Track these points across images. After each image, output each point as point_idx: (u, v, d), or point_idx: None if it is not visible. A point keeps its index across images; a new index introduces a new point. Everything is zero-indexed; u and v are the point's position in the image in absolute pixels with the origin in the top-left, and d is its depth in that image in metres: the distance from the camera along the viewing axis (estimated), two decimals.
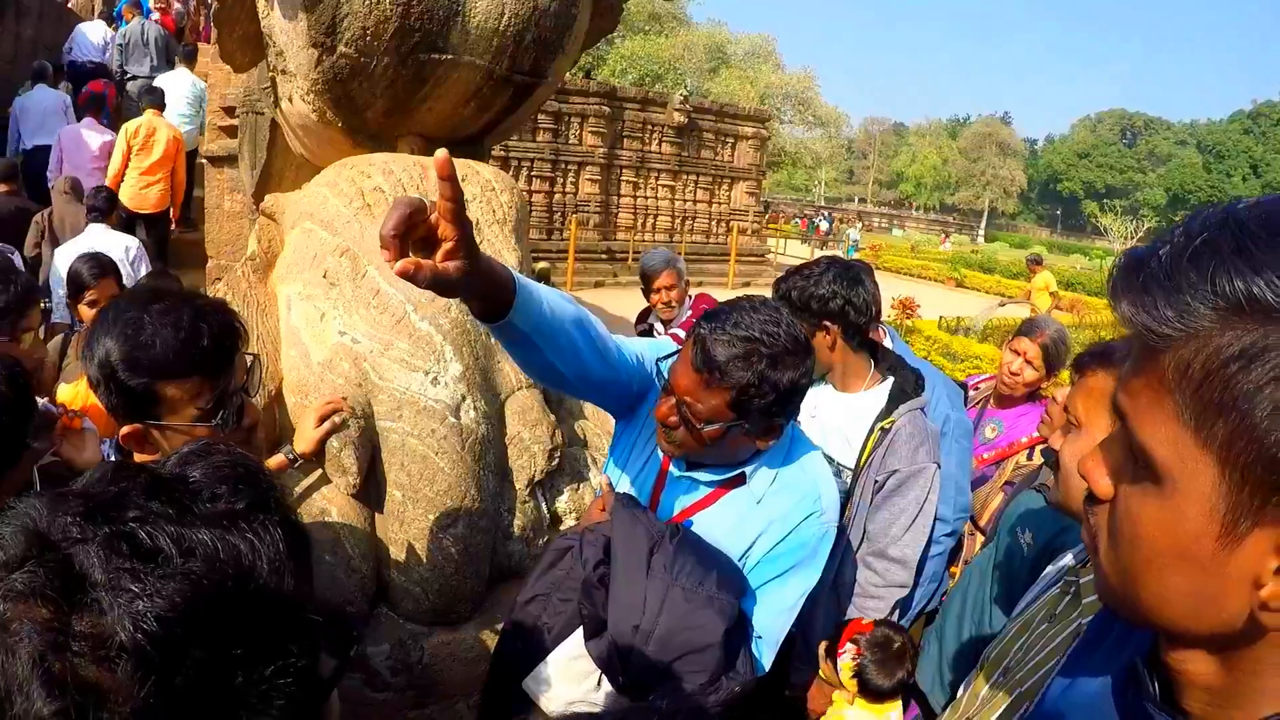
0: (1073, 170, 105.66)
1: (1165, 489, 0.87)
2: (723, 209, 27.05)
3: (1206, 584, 0.86)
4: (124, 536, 0.87)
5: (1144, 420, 0.89)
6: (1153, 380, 0.88)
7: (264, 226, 3.69)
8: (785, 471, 2.37)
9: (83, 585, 0.84)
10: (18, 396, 1.48)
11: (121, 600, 0.83)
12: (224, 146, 9.28)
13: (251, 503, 0.98)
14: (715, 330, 2.12)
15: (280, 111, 4.26)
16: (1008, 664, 1.79)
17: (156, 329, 1.87)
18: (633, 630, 2.12)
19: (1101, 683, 1.16)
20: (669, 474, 2.44)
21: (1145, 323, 0.86)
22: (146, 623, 0.83)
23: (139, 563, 0.85)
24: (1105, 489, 0.98)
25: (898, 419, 3.16)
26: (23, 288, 2.72)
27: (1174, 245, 0.85)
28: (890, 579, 3.19)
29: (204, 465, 1.01)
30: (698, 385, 2.13)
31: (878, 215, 78.79)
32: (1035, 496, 3.12)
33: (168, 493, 0.94)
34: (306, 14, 3.43)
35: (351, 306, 3.19)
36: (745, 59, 48.42)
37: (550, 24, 3.73)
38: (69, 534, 0.87)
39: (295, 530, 1.02)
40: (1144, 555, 0.91)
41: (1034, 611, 1.88)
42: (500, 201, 3.63)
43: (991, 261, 39.72)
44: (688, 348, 2.17)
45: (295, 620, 0.96)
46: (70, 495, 0.92)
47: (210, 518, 0.93)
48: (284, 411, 3.30)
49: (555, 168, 23.28)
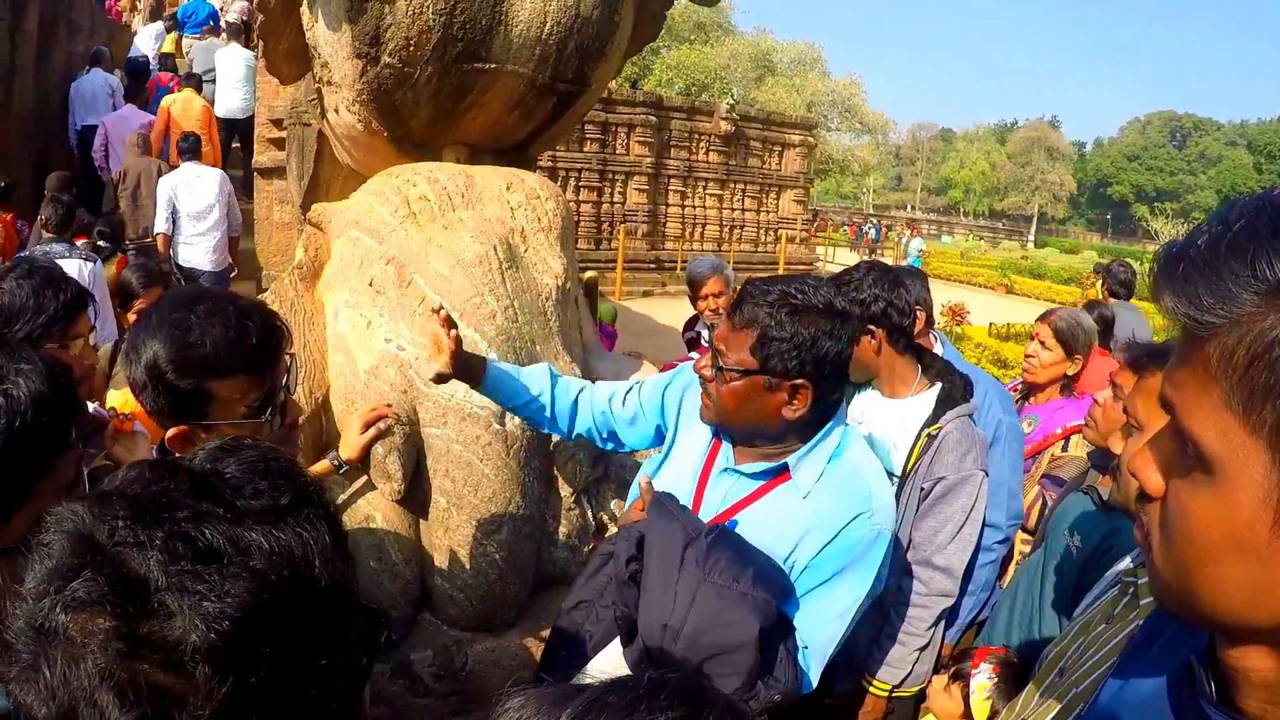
0: (1122, 173, 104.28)
1: (1216, 479, 0.86)
2: (770, 217, 26.98)
3: (1264, 574, 0.84)
4: (181, 538, 0.87)
5: (1191, 410, 0.88)
6: (1198, 369, 0.87)
7: (310, 235, 3.72)
8: (835, 469, 2.31)
9: (144, 590, 0.84)
10: (58, 397, 1.49)
11: (189, 603, 0.83)
12: (273, 158, 9.38)
13: (295, 497, 0.98)
14: (756, 283, 2.23)
15: (326, 123, 4.29)
16: (1064, 665, 1.77)
17: (205, 328, 1.88)
18: (661, 628, 2.07)
19: (1156, 683, 1.13)
20: (711, 471, 2.41)
21: (1188, 312, 0.85)
22: (219, 623, 0.83)
23: (200, 564, 0.85)
24: (1156, 485, 0.96)
25: (945, 425, 3.11)
26: (73, 295, 2.76)
27: (1212, 234, 0.85)
28: (935, 588, 3.14)
29: (236, 461, 1.00)
30: (728, 331, 2.22)
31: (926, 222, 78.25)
32: (1083, 499, 3.08)
33: (212, 491, 0.94)
34: (350, 25, 3.45)
35: (397, 314, 3.21)
36: (791, 67, 48.29)
37: (592, 32, 3.73)
38: (120, 538, 0.86)
39: (335, 522, 1.03)
40: (1198, 548, 0.89)
41: (1092, 613, 1.87)
42: (545, 209, 3.63)
43: (1041, 268, 39.30)
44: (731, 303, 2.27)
45: (349, 609, 0.98)
46: (113, 497, 0.91)
47: (258, 514, 0.93)
48: (331, 419, 3.32)
49: (603, 178, 23.32)
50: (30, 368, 1.47)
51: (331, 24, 3.57)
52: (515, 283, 3.31)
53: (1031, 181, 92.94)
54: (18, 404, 1.42)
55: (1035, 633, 3.06)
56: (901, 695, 3.23)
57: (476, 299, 3.16)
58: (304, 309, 3.45)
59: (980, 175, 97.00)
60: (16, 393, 1.43)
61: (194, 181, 9.34)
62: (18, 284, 2.71)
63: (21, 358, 1.49)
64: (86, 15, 14.05)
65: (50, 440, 1.48)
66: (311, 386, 3.28)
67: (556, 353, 3.39)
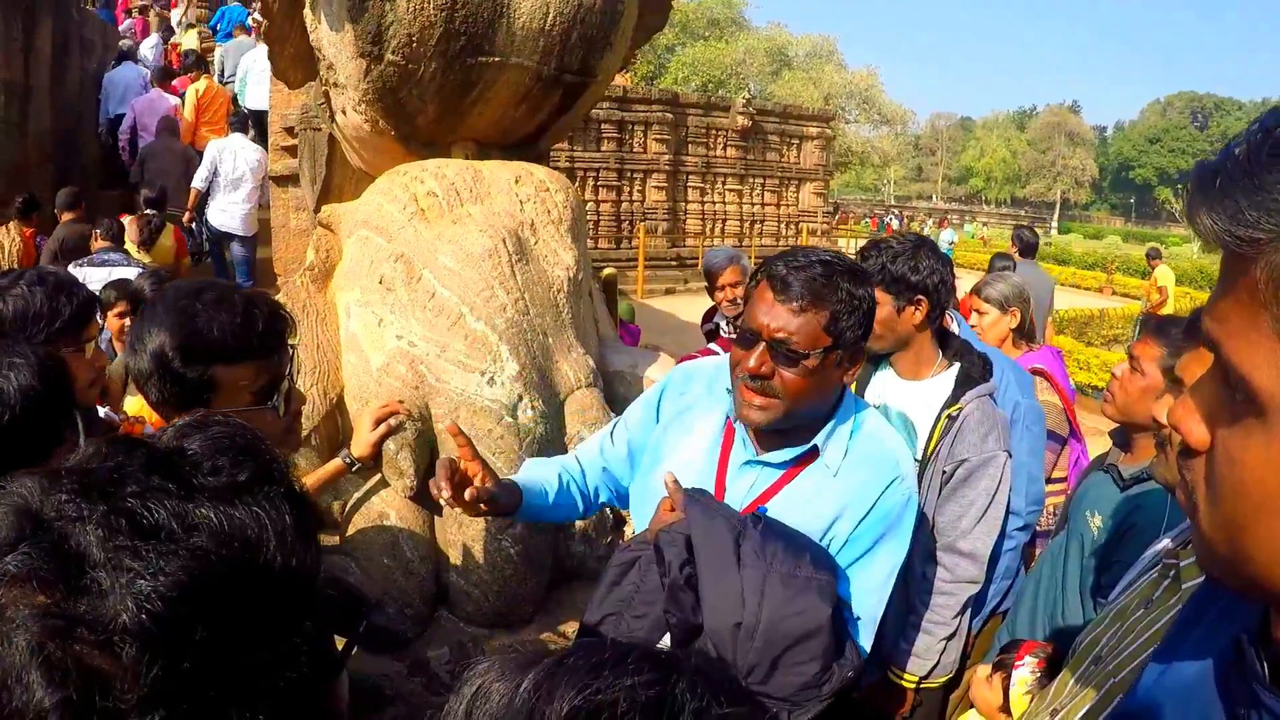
0: (1144, 156, 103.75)
1: (1270, 420, 0.77)
2: (791, 211, 26.90)
3: None
4: (122, 513, 0.83)
5: (1238, 344, 0.79)
6: (1243, 297, 0.78)
7: (321, 236, 3.72)
8: (858, 441, 2.28)
9: (81, 566, 0.80)
10: (50, 391, 1.48)
11: (123, 580, 0.79)
12: (287, 166, 9.39)
13: (255, 474, 0.94)
14: (785, 263, 2.13)
15: (335, 125, 4.29)
16: (1099, 653, 1.69)
17: (211, 316, 1.89)
18: (734, 629, 2.00)
19: (1201, 666, 1.03)
20: (730, 467, 2.33)
21: (1228, 228, 0.76)
22: (150, 603, 0.78)
23: (139, 540, 0.81)
24: (1200, 437, 0.86)
25: (965, 405, 3.04)
26: (84, 300, 2.77)
27: (1251, 143, 0.77)
28: (960, 574, 3.07)
29: (202, 437, 0.97)
30: (788, 316, 2.08)
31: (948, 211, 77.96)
32: (1104, 478, 3.06)
33: (167, 466, 0.90)
34: (352, 25, 3.45)
35: (408, 311, 3.20)
36: (807, 60, 48.31)
37: (596, 21, 3.71)
38: (63, 512, 0.83)
39: (301, 503, 0.98)
40: (1253, 503, 0.79)
41: (1129, 598, 1.77)
42: (555, 201, 3.62)
43: (1065, 253, 39.04)
44: (761, 291, 2.13)
45: (305, 596, 0.93)
46: (64, 472, 0.88)
47: (213, 491, 0.89)
48: (346, 419, 3.31)
49: (621, 176, 23.30)
50: (22, 361, 1.47)
51: (334, 25, 3.56)
52: (525, 275, 3.30)
53: (1053, 167, 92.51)
54: (8, 397, 1.41)
55: (1060, 617, 3.02)
56: (929, 686, 3.16)
57: (487, 292, 3.15)
58: (316, 310, 3.45)
59: (1001, 163, 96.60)
60: (7, 386, 1.42)
61: (239, 151, 10.66)
62: (29, 290, 2.72)
63: (14, 352, 1.48)
64: (99, 33, 14.16)
65: (42, 434, 1.47)
66: (326, 387, 3.28)
67: (570, 344, 3.37)
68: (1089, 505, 3.05)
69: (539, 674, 0.78)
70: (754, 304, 2.15)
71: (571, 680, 0.76)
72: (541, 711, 0.75)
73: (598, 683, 0.76)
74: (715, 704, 0.77)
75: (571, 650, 0.82)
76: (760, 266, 2.20)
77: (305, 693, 0.91)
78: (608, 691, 0.75)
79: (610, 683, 0.76)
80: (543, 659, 0.81)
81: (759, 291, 2.15)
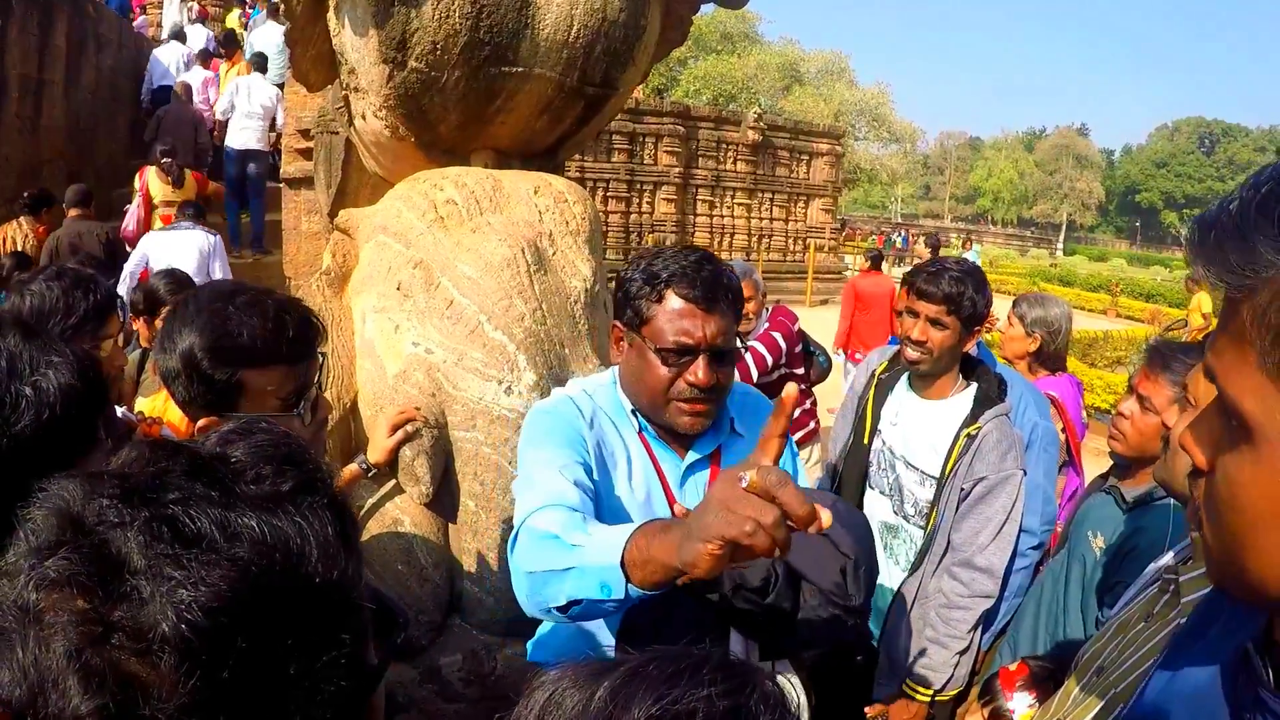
0: (1151, 180, 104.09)
1: (1258, 444, 0.85)
2: (799, 226, 26.96)
3: None
4: (165, 520, 0.83)
5: (1230, 375, 0.88)
6: (1235, 335, 0.87)
7: (338, 241, 3.72)
8: (736, 398, 2.40)
9: (121, 573, 0.79)
10: (88, 390, 1.48)
11: (163, 589, 0.79)
12: (301, 168, 9.42)
13: (298, 484, 0.93)
14: (688, 277, 2.12)
15: (354, 130, 4.29)
16: (1101, 664, 1.74)
17: (242, 319, 1.88)
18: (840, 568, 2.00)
19: (1208, 673, 1.10)
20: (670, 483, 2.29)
21: (1219, 274, 0.86)
22: (191, 613, 0.78)
23: (181, 548, 0.81)
24: (1203, 460, 0.95)
25: (984, 425, 3.09)
26: (103, 297, 2.77)
27: (1242, 199, 0.85)
28: (976, 589, 3.11)
29: (246, 444, 0.96)
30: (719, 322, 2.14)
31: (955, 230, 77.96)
32: (1105, 499, 3.10)
33: (210, 473, 0.90)
34: (377, 30, 3.45)
35: (425, 318, 3.20)
36: (818, 76, 48.43)
37: (620, 35, 3.72)
38: (105, 518, 0.82)
39: (344, 513, 0.97)
40: (1246, 520, 0.88)
41: (1130, 612, 1.84)
42: (574, 213, 3.62)
43: (1071, 275, 39.12)
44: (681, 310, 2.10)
45: (347, 608, 0.92)
46: (107, 476, 0.87)
47: (256, 500, 0.89)
48: (359, 425, 3.31)
49: (631, 188, 23.37)
50: (60, 360, 1.46)
51: (358, 29, 3.56)
52: (543, 285, 3.29)
53: (1060, 189, 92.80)
54: (47, 396, 1.41)
55: (1061, 634, 3.06)
56: (941, 700, 3.20)
57: (505, 302, 3.15)
58: (331, 314, 3.44)
59: (1009, 183, 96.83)
60: (46, 384, 1.41)
61: (254, 87, 12.65)
62: (47, 286, 2.73)
63: (52, 350, 1.47)
64: (114, 30, 14.20)
65: (79, 434, 1.47)
66: (339, 392, 3.28)
67: (585, 355, 3.37)
68: (1091, 526, 3.08)
69: (615, 682, 0.79)
70: (673, 321, 2.11)
71: (649, 689, 0.77)
72: (619, 719, 0.75)
73: (675, 692, 0.76)
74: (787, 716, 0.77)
75: (646, 659, 0.82)
76: (652, 282, 2.14)
77: (343, 705, 0.90)
78: (684, 701, 0.75)
79: (686, 692, 0.76)
80: (617, 667, 0.81)
81: (678, 311, 2.11)
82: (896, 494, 3.32)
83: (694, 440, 2.30)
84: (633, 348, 2.21)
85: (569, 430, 2.20)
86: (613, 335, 2.31)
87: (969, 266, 3.16)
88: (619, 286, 2.25)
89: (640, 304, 2.15)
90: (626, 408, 2.30)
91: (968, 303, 3.04)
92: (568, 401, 2.29)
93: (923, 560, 3.20)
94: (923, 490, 3.22)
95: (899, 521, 3.34)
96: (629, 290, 2.19)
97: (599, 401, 2.31)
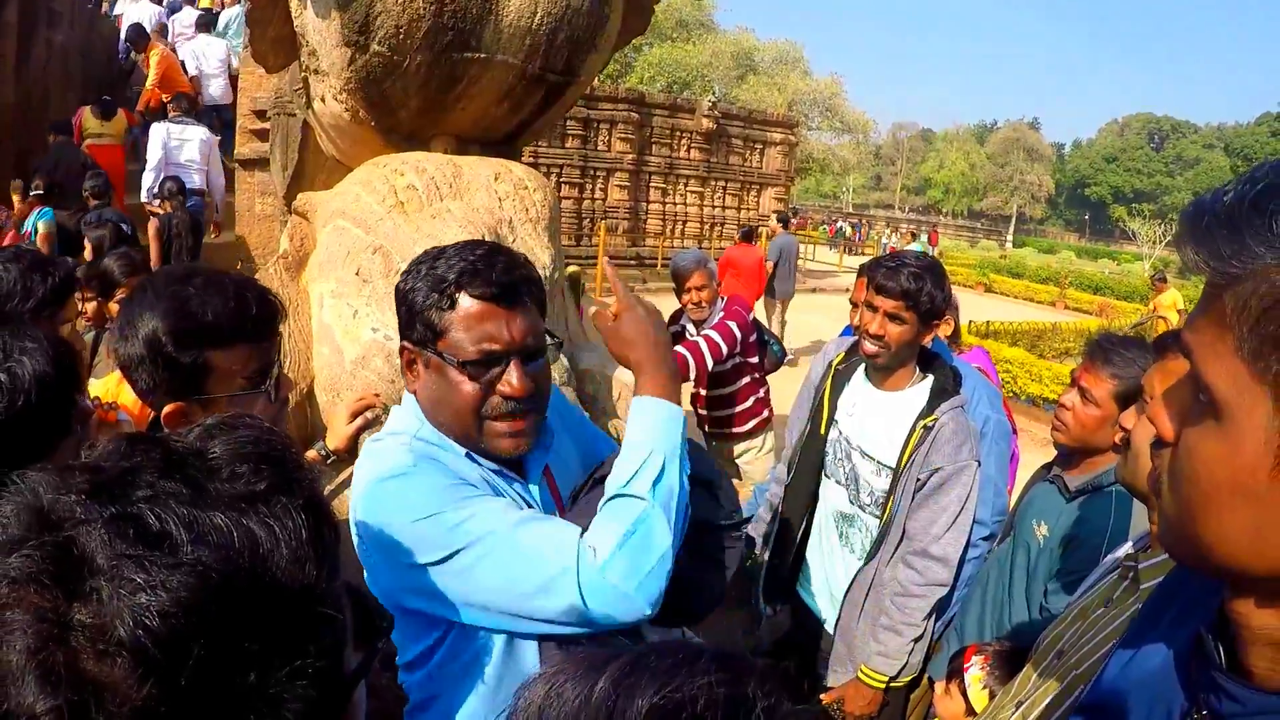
0: (1100, 175, 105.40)
1: (1224, 423, 0.90)
2: (751, 214, 27.01)
3: (1263, 517, 0.89)
4: (130, 519, 0.81)
5: (1206, 356, 0.92)
6: (1215, 318, 0.91)
7: (296, 225, 3.69)
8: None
9: (83, 572, 0.78)
10: (61, 378, 1.46)
11: (123, 591, 0.77)
12: (255, 150, 9.32)
13: (274, 484, 0.91)
14: (485, 276, 1.82)
15: (312, 112, 4.26)
16: (1061, 648, 1.81)
17: (204, 299, 1.86)
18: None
19: (1164, 657, 1.16)
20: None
21: (1208, 261, 0.90)
22: (148, 618, 0.76)
23: (144, 549, 0.79)
24: (1168, 430, 1.00)
25: (940, 416, 3.13)
26: (61, 279, 2.72)
27: (1237, 191, 0.89)
28: (931, 578, 3.15)
29: (226, 440, 0.94)
30: (524, 320, 1.88)
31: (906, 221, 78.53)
32: (1049, 488, 3.18)
33: (184, 470, 0.88)
34: (339, 12, 3.42)
35: (384, 303, 3.18)
36: (773, 65, 48.38)
37: (582, 23, 3.72)
38: (72, 514, 0.81)
39: (322, 516, 0.94)
40: (1203, 491, 0.93)
41: (1090, 598, 1.90)
42: (534, 200, 3.62)
43: (1020, 267, 39.49)
44: (482, 311, 1.82)
45: (316, 616, 0.89)
46: (78, 469, 0.86)
47: (228, 499, 0.87)
48: (316, 410, 3.29)
49: (584, 174, 23.32)
50: (35, 346, 1.44)
51: (320, 11, 3.54)
52: None
53: (1010, 182, 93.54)
54: (21, 383, 1.39)
55: (1006, 621, 3.15)
56: (895, 686, 3.27)
57: None
58: (289, 299, 3.42)
59: (960, 175, 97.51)
60: (20, 371, 1.39)
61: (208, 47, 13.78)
62: (4, 267, 2.68)
63: (26, 335, 1.45)
64: (67, 5, 13.92)
65: (53, 422, 1.45)
66: (297, 378, 3.25)
67: None
68: (1035, 514, 3.16)
69: (616, 673, 0.79)
70: (472, 327, 1.83)
71: (650, 679, 0.78)
72: (622, 710, 0.76)
73: (676, 680, 0.77)
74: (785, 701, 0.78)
75: (644, 651, 0.83)
76: (439, 288, 1.84)
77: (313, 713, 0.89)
78: (686, 690, 0.76)
79: (688, 680, 0.77)
80: (614, 659, 0.82)
81: (476, 314, 1.83)
82: (853, 483, 3.35)
83: (524, 463, 2.03)
84: (429, 369, 1.89)
85: (445, 478, 1.85)
86: (402, 359, 1.96)
87: (928, 261, 3.18)
88: (400, 301, 1.91)
89: (430, 315, 1.84)
90: (458, 452, 1.94)
91: (925, 298, 3.07)
92: (404, 456, 1.87)
93: (878, 549, 3.24)
94: (879, 480, 3.25)
95: (854, 510, 3.37)
96: (413, 302, 1.86)
97: (422, 449, 1.92)
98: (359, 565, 1.93)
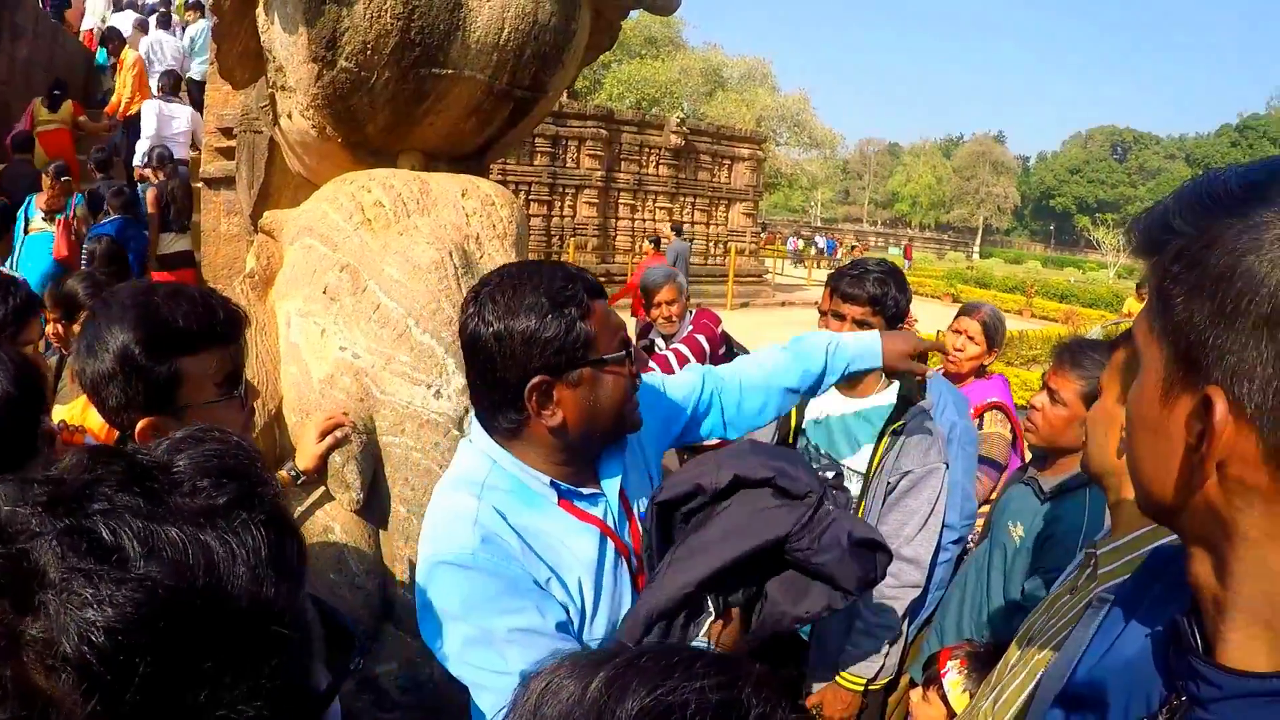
0: (1065, 186, 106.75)
1: (1141, 371, 1.06)
2: (720, 230, 27.12)
3: (1158, 444, 1.02)
4: (83, 532, 0.80)
5: (1137, 322, 1.08)
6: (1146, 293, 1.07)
7: (262, 243, 3.66)
8: None
9: (33, 585, 0.77)
10: (25, 397, 1.43)
11: (71, 606, 0.76)
12: (221, 168, 9.23)
13: (235, 498, 0.90)
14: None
15: (279, 129, 4.23)
16: (1031, 634, 1.91)
17: (172, 306, 1.86)
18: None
19: (1142, 645, 1.19)
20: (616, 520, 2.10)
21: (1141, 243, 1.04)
22: (93, 633, 0.76)
23: (95, 563, 0.78)
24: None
25: (908, 421, 3.16)
26: (22, 300, 2.69)
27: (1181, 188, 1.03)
28: (904, 580, 3.18)
29: (191, 454, 0.93)
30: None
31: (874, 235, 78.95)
32: (1024, 490, 3.28)
33: (144, 483, 0.87)
34: (307, 28, 3.41)
35: (352, 321, 3.16)
36: (741, 82, 48.63)
37: (550, 39, 3.71)
38: (27, 526, 0.80)
39: (285, 532, 0.94)
40: (1133, 430, 1.09)
41: (1060, 589, 2.01)
42: (501, 216, 3.60)
43: (987, 277, 39.88)
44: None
45: (273, 635, 0.88)
46: (38, 482, 0.85)
47: (186, 513, 0.85)
48: (284, 431, 3.26)
49: (553, 191, 23.35)
50: None
51: (287, 26, 3.51)
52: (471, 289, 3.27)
53: (977, 194, 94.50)
54: None
55: (984, 621, 3.20)
56: (873, 688, 3.28)
57: (433, 305, 3.13)
58: (256, 318, 3.38)
59: (927, 189, 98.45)
60: None
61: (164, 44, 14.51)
62: None
63: None
64: (30, 19, 13.84)
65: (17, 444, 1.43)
66: (265, 398, 3.22)
67: None
68: (1011, 516, 3.25)
69: (610, 672, 0.79)
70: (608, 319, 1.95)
71: (643, 680, 0.78)
72: (612, 710, 0.76)
73: (669, 683, 0.77)
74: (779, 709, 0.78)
75: (641, 651, 0.83)
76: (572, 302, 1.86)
77: None
78: (678, 693, 0.76)
79: (680, 684, 0.77)
80: (613, 658, 0.82)
81: (602, 309, 1.94)
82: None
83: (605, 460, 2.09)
84: (581, 385, 1.89)
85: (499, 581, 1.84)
86: (531, 404, 1.87)
87: (889, 266, 3.24)
88: (518, 344, 1.83)
89: (573, 333, 1.85)
90: (542, 481, 1.96)
91: (891, 302, 3.14)
92: (467, 537, 1.85)
93: None
94: (849, 486, 3.27)
95: None
96: (541, 336, 1.83)
97: (495, 501, 1.91)
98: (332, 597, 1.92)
